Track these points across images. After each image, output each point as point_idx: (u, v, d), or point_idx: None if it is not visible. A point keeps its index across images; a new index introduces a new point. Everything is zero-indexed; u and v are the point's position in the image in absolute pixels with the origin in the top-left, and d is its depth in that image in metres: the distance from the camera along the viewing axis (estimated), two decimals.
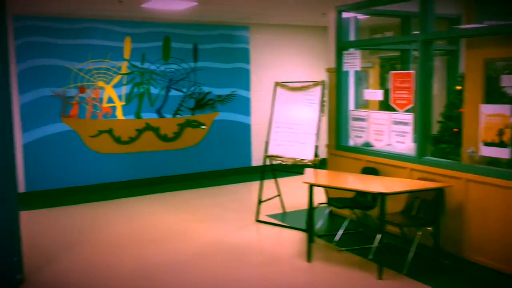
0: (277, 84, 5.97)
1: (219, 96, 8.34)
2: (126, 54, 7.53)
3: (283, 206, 6.28)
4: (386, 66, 8.60)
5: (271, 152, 5.87)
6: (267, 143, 5.93)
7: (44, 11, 6.66)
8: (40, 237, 5.42)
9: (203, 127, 8.25)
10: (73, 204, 6.88)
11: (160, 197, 7.25)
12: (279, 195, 6.22)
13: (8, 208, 4.00)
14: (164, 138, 7.96)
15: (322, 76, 9.21)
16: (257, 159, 8.78)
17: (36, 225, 5.92)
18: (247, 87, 8.58)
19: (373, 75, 8.88)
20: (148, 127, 7.81)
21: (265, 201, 6.01)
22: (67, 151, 7.25)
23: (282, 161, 5.74)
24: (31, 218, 6.16)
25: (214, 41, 8.20)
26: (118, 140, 7.59)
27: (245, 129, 8.65)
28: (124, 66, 7.53)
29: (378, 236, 4.34)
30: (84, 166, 7.39)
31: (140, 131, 7.75)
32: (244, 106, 8.59)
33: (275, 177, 6.13)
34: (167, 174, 8.05)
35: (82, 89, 7.25)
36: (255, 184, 8.03)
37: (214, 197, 7.17)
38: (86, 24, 7.20)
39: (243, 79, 8.53)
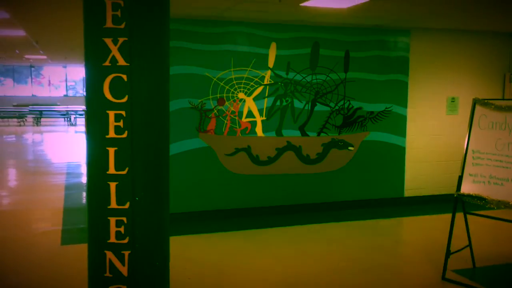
0: (477, 101, 4.58)
1: (371, 112, 7.08)
2: (270, 62, 6.57)
3: (473, 259, 4.83)
4: None
5: (466, 190, 4.48)
6: (460, 178, 4.56)
7: (187, 12, 5.90)
8: (176, 271, 4.55)
9: (351, 148, 7.04)
10: (205, 232, 6.01)
11: (302, 230, 6.14)
12: (469, 245, 4.79)
13: (160, 240, 3.08)
14: (306, 160, 6.87)
15: (495, 93, 7.59)
16: (411, 189, 7.37)
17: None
18: (404, 103, 7.22)
19: None
20: (289, 146, 6.77)
21: (454, 252, 4.61)
22: (202, 171, 6.43)
23: (484, 203, 4.33)
24: None
25: (368, 48, 6.98)
26: (255, 159, 6.63)
27: (399, 152, 7.28)
28: (267, 76, 6.58)
29: None
30: (219, 188, 6.52)
31: (280, 151, 6.74)
32: (399, 125, 7.24)
33: (466, 220, 4.71)
34: (306, 202, 6.95)
35: (221, 101, 6.40)
36: (414, 221, 6.65)
37: (369, 236, 5.90)
38: (228, 28, 6.36)
39: (399, 93, 7.19)
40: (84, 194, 8.19)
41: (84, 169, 10.57)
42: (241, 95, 6.49)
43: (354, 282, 4.48)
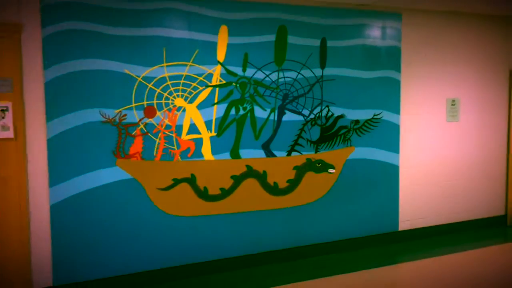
0: None
1: (356, 122, 5.28)
2: (220, 54, 4.60)
3: None
4: None
5: None
6: None
7: None
8: None
9: (331, 171, 5.19)
10: None
11: None
12: None
13: None
14: (274, 190, 4.94)
15: (498, 94, 6.03)
16: (406, 220, 5.64)
17: None
18: (396, 108, 5.49)
19: None
20: (250, 173, 4.82)
21: None
22: (122, 215, 4.32)
23: None
24: None
25: (350, 36, 5.19)
26: (203, 194, 4.62)
27: (392, 173, 5.53)
28: (217, 74, 4.60)
29: None
30: (149, 239, 4.44)
31: (237, 179, 4.77)
32: (391, 137, 5.49)
33: None
34: (275, 248, 5.01)
35: (150, 111, 4.34)
36: (416, 265, 4.89)
37: None
38: (158, 4, 4.33)
39: (391, 95, 5.45)
40: None
41: None
42: (179, 102, 4.46)
43: None
